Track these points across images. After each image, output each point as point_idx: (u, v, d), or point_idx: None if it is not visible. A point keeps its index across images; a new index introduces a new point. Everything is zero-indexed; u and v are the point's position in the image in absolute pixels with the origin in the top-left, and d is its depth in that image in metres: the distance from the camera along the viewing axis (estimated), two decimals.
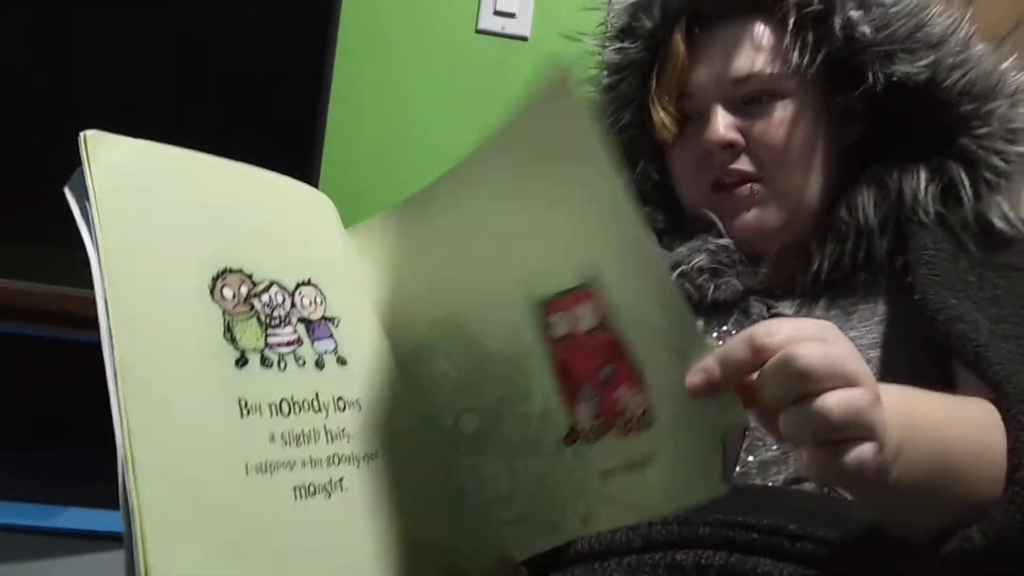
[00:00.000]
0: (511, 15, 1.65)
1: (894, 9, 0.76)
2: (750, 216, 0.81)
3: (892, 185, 0.79)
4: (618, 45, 0.85)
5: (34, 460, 1.07)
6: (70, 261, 0.53)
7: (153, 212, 0.50)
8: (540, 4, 1.65)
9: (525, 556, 0.57)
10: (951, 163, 0.77)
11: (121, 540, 0.43)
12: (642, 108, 0.85)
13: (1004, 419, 0.57)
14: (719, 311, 0.80)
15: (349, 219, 0.63)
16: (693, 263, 0.79)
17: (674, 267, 0.79)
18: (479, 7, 1.64)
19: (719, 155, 0.80)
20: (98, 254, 0.46)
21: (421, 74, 1.62)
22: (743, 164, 0.80)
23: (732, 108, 0.80)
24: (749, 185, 0.80)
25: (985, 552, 0.51)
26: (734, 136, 0.79)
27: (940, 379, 0.65)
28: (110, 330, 0.45)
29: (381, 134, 1.60)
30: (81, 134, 0.48)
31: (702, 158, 0.82)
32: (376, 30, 1.60)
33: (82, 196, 0.48)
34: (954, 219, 0.77)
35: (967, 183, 0.76)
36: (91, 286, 0.46)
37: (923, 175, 0.77)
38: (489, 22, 1.65)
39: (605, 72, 0.88)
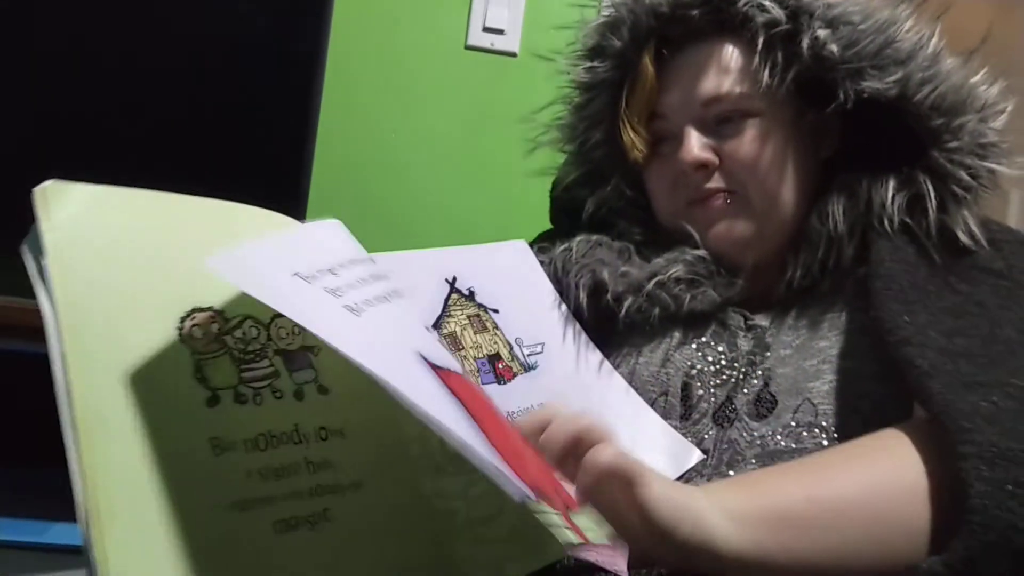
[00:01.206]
0: (500, 32, 1.66)
1: (862, 26, 0.77)
2: (723, 226, 0.82)
3: (862, 194, 0.79)
4: (588, 64, 0.86)
5: (25, 476, 1.07)
6: None
7: (112, 261, 0.49)
8: (529, 21, 1.66)
9: (521, 574, 0.58)
10: (919, 175, 0.78)
11: None
12: (613, 126, 0.86)
13: (945, 449, 0.58)
14: (696, 322, 0.81)
15: None
16: (670, 273, 0.81)
17: (651, 277, 0.81)
18: (468, 23, 1.65)
19: (693, 175, 0.81)
20: (54, 312, 0.45)
21: (410, 90, 1.63)
22: (717, 182, 0.81)
23: (704, 129, 0.81)
24: (723, 196, 0.81)
25: None
26: (708, 156, 0.80)
27: (909, 388, 0.66)
28: (68, 386, 0.44)
29: (371, 150, 1.61)
30: (35, 189, 0.47)
31: (677, 178, 0.83)
32: (366, 46, 1.61)
33: (37, 253, 0.47)
34: (919, 229, 0.77)
35: (933, 195, 0.77)
36: None
37: (892, 184, 0.78)
38: (478, 38, 1.66)
39: (576, 91, 0.89)
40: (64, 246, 0.47)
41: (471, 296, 0.77)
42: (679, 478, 0.71)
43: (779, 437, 0.72)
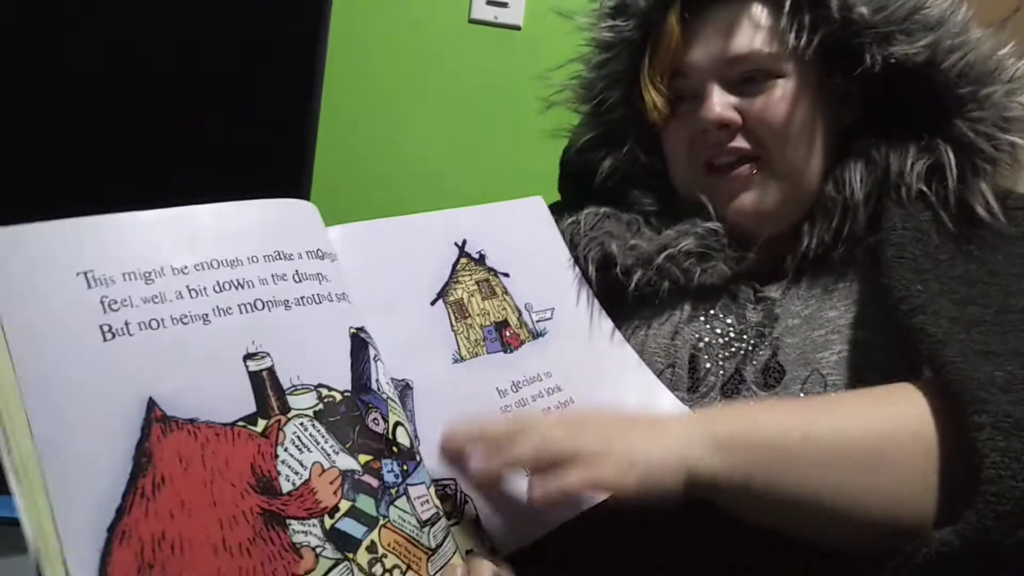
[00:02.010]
0: (504, 4, 1.61)
1: None
2: (747, 199, 0.78)
3: (880, 160, 0.77)
4: (610, 23, 0.82)
5: None
6: None
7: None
8: None
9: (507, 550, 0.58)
10: (941, 143, 0.75)
11: None
12: (631, 88, 0.83)
13: (958, 417, 0.56)
14: (706, 295, 0.79)
15: (344, 213, 0.65)
16: (680, 246, 0.78)
17: (661, 250, 0.78)
18: None
19: (715, 134, 0.78)
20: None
21: (415, 65, 1.61)
22: (740, 143, 0.78)
23: (728, 87, 0.78)
24: (747, 166, 0.78)
25: (961, 554, 0.52)
26: (731, 115, 0.77)
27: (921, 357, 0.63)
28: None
29: (375, 126, 1.60)
30: None
31: (696, 137, 0.79)
32: (369, 22, 1.59)
33: None
34: (935, 198, 0.75)
35: (954, 164, 0.74)
36: None
37: (912, 151, 0.75)
38: (482, 12, 1.61)
39: (596, 50, 0.85)
40: None
41: (481, 260, 0.73)
42: None
43: None
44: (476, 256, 0.72)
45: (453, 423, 0.58)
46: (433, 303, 0.66)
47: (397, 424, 0.57)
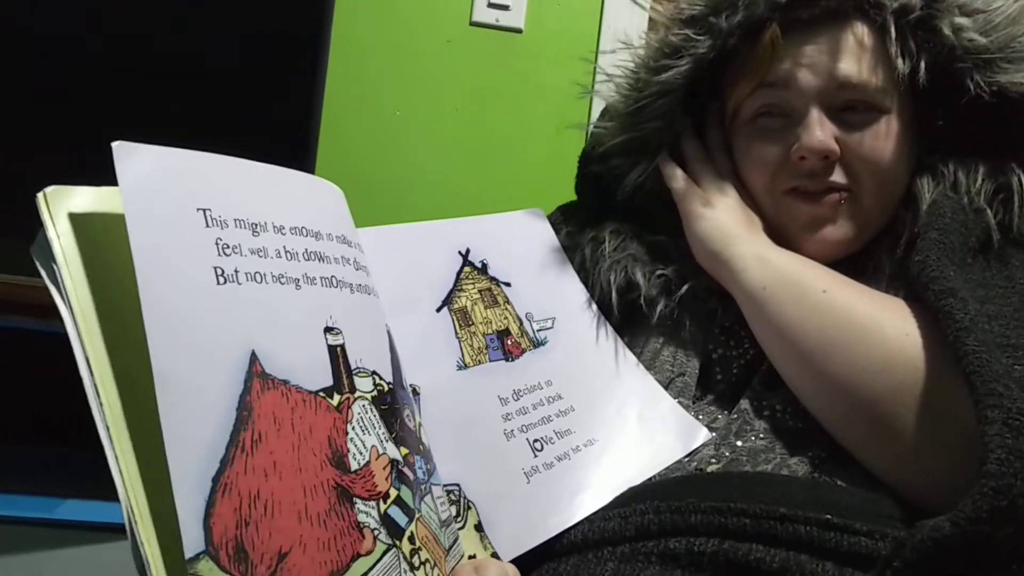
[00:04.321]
0: (505, 7, 1.62)
1: (995, 17, 0.72)
2: (831, 231, 0.76)
3: (948, 175, 0.75)
4: (684, 31, 0.77)
5: (31, 454, 1.08)
6: None
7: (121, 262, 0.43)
8: None
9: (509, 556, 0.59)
10: (1016, 168, 0.74)
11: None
12: (680, 102, 0.79)
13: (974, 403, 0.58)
14: (728, 307, 0.76)
15: None
16: (704, 282, 0.77)
17: (684, 281, 0.78)
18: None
19: (813, 163, 0.74)
20: (72, 317, 0.42)
21: (416, 67, 1.59)
22: (837, 176, 0.74)
23: (829, 113, 0.74)
24: (837, 195, 0.75)
25: (954, 541, 0.52)
26: (834, 146, 0.73)
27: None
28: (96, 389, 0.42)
29: (375, 128, 1.56)
30: (39, 195, 0.44)
31: (785, 162, 0.76)
32: (370, 24, 1.56)
33: (47, 259, 0.44)
34: (994, 216, 0.73)
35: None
36: None
37: (981, 171, 0.74)
38: (483, 14, 1.62)
39: (659, 51, 0.79)
40: (71, 253, 0.44)
41: (483, 269, 0.74)
42: (686, 456, 0.70)
43: (788, 415, 0.70)
44: (479, 265, 0.74)
45: None
46: (439, 310, 0.68)
47: (420, 424, 0.58)
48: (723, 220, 0.77)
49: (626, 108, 0.81)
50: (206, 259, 0.45)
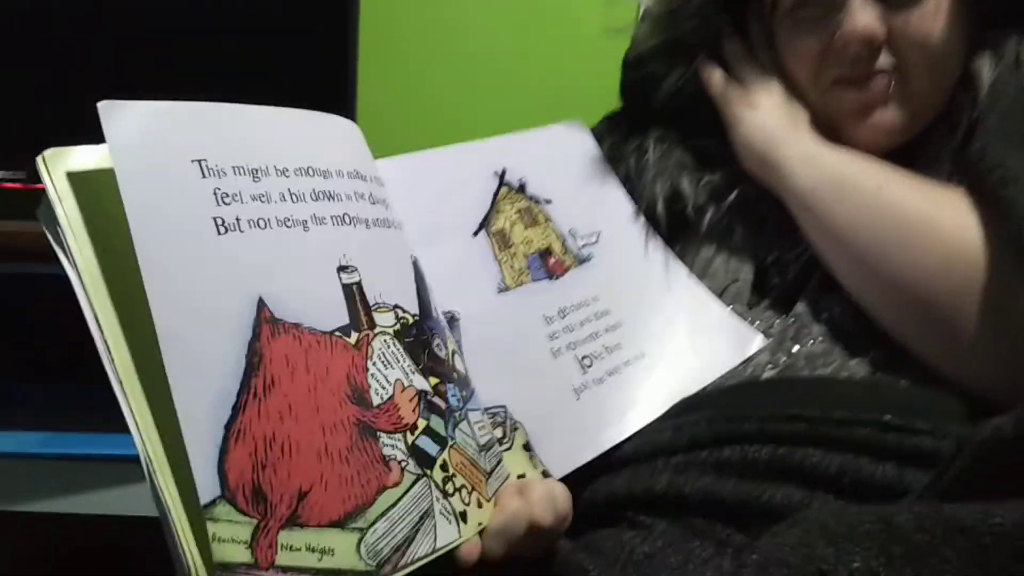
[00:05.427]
0: None
1: None
2: (882, 117, 0.70)
3: (1009, 49, 0.69)
4: None
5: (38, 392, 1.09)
6: None
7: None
8: None
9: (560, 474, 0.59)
10: None
11: None
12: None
13: None
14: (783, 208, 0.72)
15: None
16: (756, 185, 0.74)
17: (734, 185, 0.75)
18: None
19: (858, 50, 0.68)
20: (80, 279, 0.43)
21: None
22: (883, 60, 0.69)
23: None
24: (885, 78, 0.69)
25: (1017, 441, 0.48)
26: (878, 29, 0.67)
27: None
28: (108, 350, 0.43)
29: (414, 79, 1.50)
30: (38, 158, 0.44)
31: (828, 51, 0.70)
32: None
33: (51, 222, 0.44)
34: None
35: None
36: None
37: None
38: None
39: None
40: (73, 214, 0.44)
41: (522, 188, 0.72)
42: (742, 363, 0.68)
43: (847, 318, 0.67)
44: (517, 185, 0.72)
45: None
46: (475, 234, 0.67)
47: (453, 352, 0.58)
48: (768, 122, 0.73)
49: (661, 8, 0.78)
50: (204, 210, 0.45)
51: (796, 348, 0.67)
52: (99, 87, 0.46)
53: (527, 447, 0.61)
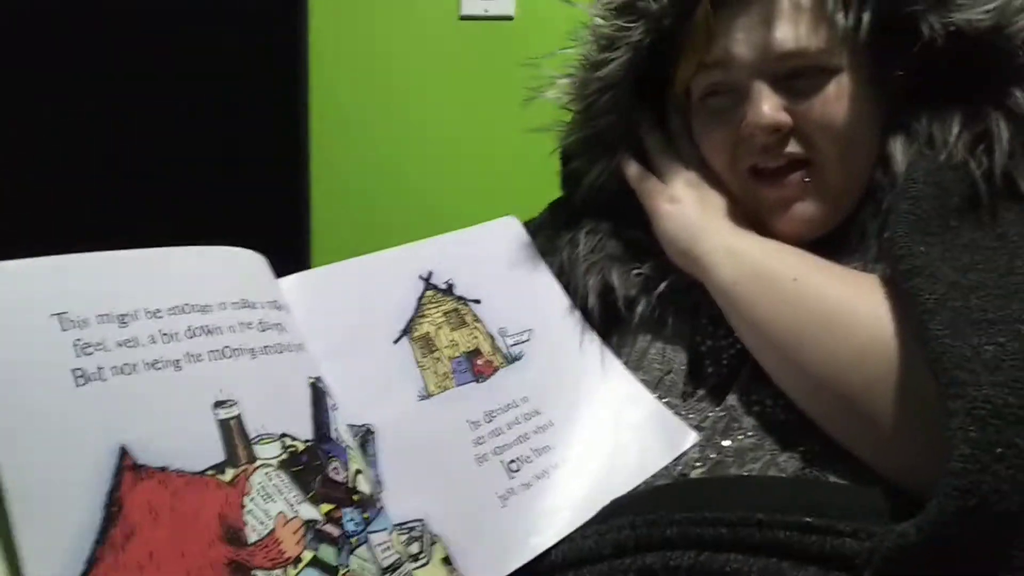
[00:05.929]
0: None
1: None
2: (800, 210, 0.72)
3: (921, 131, 0.70)
4: (615, 21, 0.74)
5: None
6: None
7: None
8: None
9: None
10: (992, 112, 0.68)
11: None
12: (626, 94, 0.76)
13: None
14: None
15: (345, 229, 0.66)
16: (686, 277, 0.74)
17: (663, 276, 0.75)
18: None
19: (763, 138, 0.70)
20: None
21: (405, 64, 1.59)
22: (792, 147, 0.71)
23: (775, 84, 0.70)
24: (800, 173, 0.71)
25: (922, 547, 0.49)
26: (783, 118, 0.69)
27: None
28: None
29: (366, 128, 1.59)
30: None
31: (739, 141, 0.72)
32: (353, 23, 1.58)
33: None
34: (977, 168, 0.67)
35: (1005, 136, 0.67)
36: None
37: (957, 120, 0.69)
38: (472, 6, 1.61)
39: (594, 47, 0.76)
40: None
41: (448, 290, 0.72)
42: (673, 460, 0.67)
43: (778, 409, 0.66)
44: (443, 287, 0.72)
45: None
46: (396, 341, 0.67)
47: (358, 472, 0.57)
48: (689, 215, 0.74)
49: (576, 105, 0.78)
50: (62, 364, 0.46)
51: (727, 443, 0.66)
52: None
53: (447, 560, 0.60)
